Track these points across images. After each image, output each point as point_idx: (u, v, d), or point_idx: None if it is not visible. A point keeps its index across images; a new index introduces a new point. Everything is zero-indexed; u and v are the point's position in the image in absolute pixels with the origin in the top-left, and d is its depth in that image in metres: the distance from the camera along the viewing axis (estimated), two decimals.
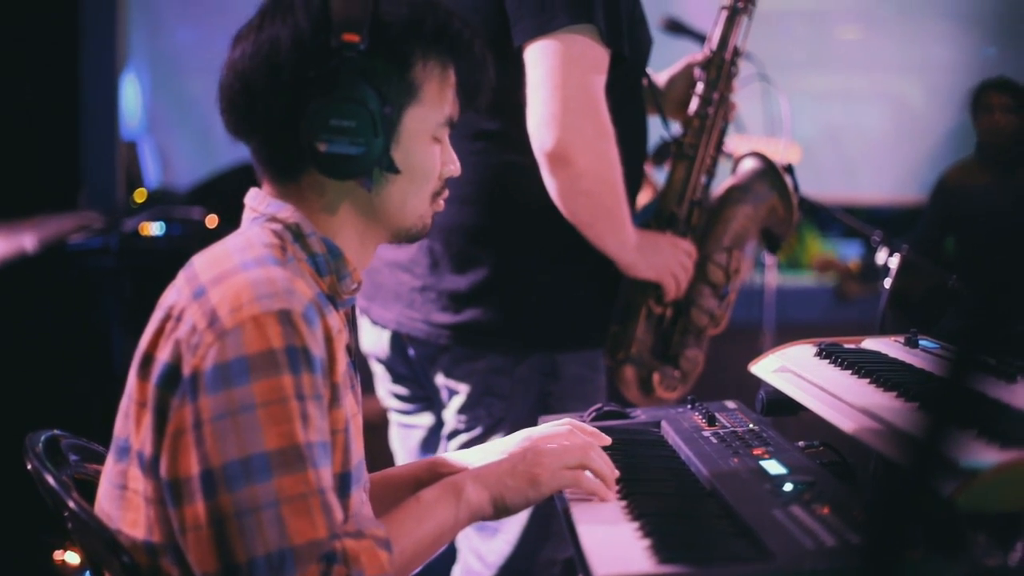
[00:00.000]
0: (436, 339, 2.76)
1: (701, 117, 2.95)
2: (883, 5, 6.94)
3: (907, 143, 6.81)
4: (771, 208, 2.98)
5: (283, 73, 1.83)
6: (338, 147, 1.82)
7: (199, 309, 1.73)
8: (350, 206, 1.91)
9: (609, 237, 2.71)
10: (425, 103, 1.90)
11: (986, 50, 6.90)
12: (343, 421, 1.81)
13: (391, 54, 1.85)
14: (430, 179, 1.95)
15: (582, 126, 2.57)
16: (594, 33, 2.60)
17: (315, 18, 1.83)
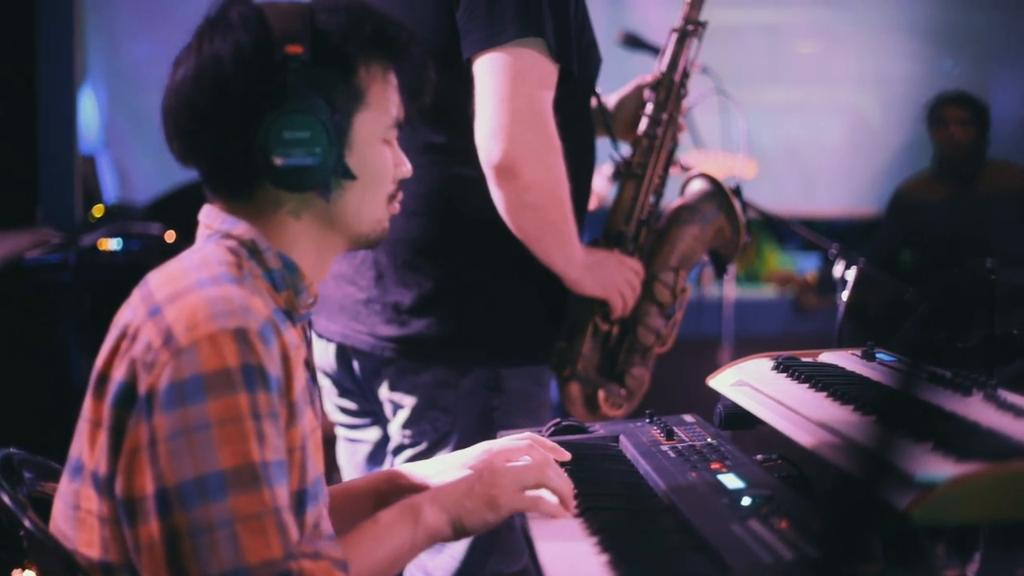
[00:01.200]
0: (381, 352, 2.76)
1: (650, 137, 2.96)
2: (840, 19, 6.98)
3: (864, 156, 6.85)
4: (718, 229, 2.99)
5: (229, 91, 1.82)
6: (295, 159, 1.82)
7: (154, 327, 1.73)
8: (307, 217, 1.90)
9: (556, 252, 2.72)
10: (372, 107, 1.90)
11: (943, 63, 6.95)
12: (300, 439, 1.80)
13: (334, 62, 1.85)
14: (385, 182, 1.95)
15: (529, 139, 2.58)
16: (543, 47, 2.60)
17: (255, 33, 1.83)
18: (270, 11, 1.85)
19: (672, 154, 3.00)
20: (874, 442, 1.77)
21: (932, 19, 6.85)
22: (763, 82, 6.99)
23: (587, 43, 2.79)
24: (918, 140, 6.49)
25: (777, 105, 7.07)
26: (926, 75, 6.81)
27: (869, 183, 6.78)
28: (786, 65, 6.99)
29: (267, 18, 1.84)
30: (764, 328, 6.59)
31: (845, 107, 7.01)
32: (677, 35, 3.02)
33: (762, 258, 7.43)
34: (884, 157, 6.81)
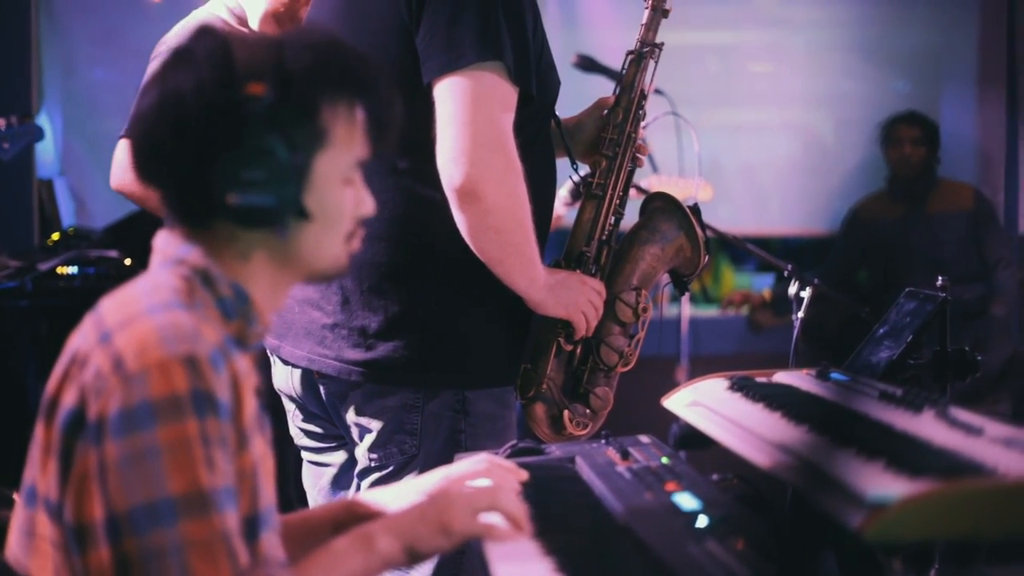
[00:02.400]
0: (347, 376, 2.77)
1: (608, 158, 2.97)
2: (792, 40, 7.03)
3: (818, 176, 6.90)
4: (678, 248, 3.01)
5: (189, 126, 1.81)
6: (250, 199, 1.81)
7: (104, 353, 1.73)
8: (263, 253, 1.90)
9: (518, 274, 2.73)
10: (335, 147, 1.89)
11: (895, 84, 7.01)
12: (251, 465, 1.81)
13: (297, 102, 1.84)
14: (343, 221, 1.94)
15: (491, 162, 2.59)
16: (502, 71, 2.62)
17: (218, 69, 1.81)
18: (237, 46, 1.84)
19: (631, 174, 3.02)
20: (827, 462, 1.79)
21: (883, 40, 6.90)
22: (717, 103, 7.02)
23: (546, 65, 2.81)
24: (872, 159, 6.55)
25: (732, 125, 7.11)
26: (878, 95, 6.87)
27: (824, 202, 6.82)
28: (740, 86, 7.02)
29: (233, 54, 1.83)
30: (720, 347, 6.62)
31: (799, 127, 7.06)
32: (634, 57, 3.04)
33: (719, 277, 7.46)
34: (838, 176, 6.86)
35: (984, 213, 6.29)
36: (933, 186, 6.28)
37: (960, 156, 6.71)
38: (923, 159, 6.25)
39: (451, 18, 2.61)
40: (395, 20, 2.67)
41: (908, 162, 6.25)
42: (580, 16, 6.71)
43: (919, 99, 6.76)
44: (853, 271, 6.53)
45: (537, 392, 2.90)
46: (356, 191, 1.95)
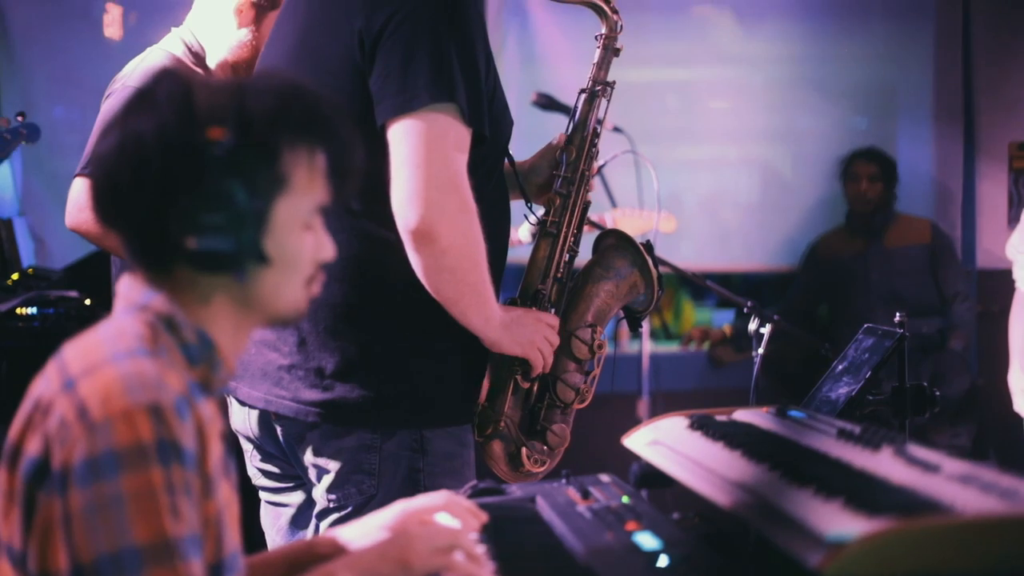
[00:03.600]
0: (304, 416, 2.76)
1: (562, 196, 2.99)
2: (751, 77, 7.06)
3: (778, 211, 6.93)
4: (632, 285, 3.03)
5: (148, 169, 1.80)
6: (208, 243, 1.81)
7: (68, 401, 1.72)
8: (223, 297, 1.89)
9: (473, 314, 2.74)
10: (295, 192, 1.88)
11: (853, 120, 7.06)
12: (216, 511, 1.80)
13: (257, 146, 1.83)
14: (303, 266, 1.93)
15: (445, 203, 2.60)
16: (456, 112, 2.63)
17: (179, 112, 1.81)
18: (199, 89, 1.84)
19: (585, 212, 3.04)
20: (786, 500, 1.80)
21: (840, 76, 6.95)
22: (676, 139, 7.05)
23: (499, 106, 2.83)
24: (831, 195, 6.60)
25: (691, 161, 7.14)
26: (836, 131, 6.91)
27: (784, 238, 6.85)
28: (699, 122, 7.06)
29: (194, 97, 1.82)
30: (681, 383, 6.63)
31: (758, 163, 7.09)
32: (586, 96, 3.07)
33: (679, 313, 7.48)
34: (798, 212, 6.89)
35: (942, 247, 6.34)
36: (891, 221, 6.34)
37: (917, 191, 6.76)
38: (881, 194, 6.31)
39: (404, 60, 2.62)
40: (348, 62, 2.68)
41: (866, 198, 6.30)
42: (539, 54, 6.73)
43: (876, 134, 6.81)
44: (813, 306, 6.57)
45: (495, 430, 2.91)
46: (316, 236, 1.94)
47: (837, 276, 6.36)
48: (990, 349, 6.11)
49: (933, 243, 6.31)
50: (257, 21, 3.71)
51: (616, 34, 3.07)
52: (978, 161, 6.86)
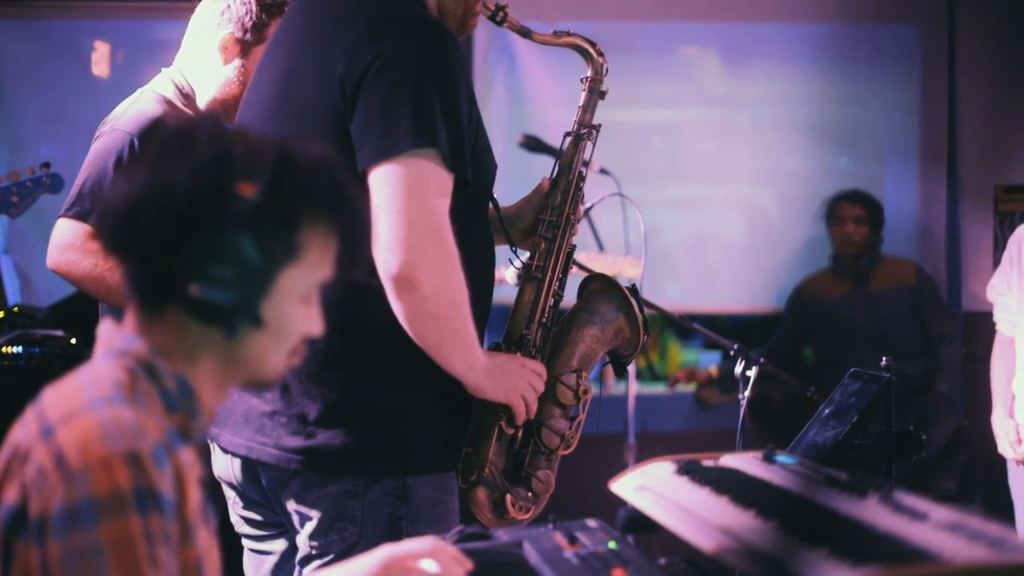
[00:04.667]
0: (287, 464, 2.75)
1: (548, 240, 2.99)
2: (736, 118, 7.08)
3: (765, 253, 6.94)
4: (617, 330, 3.03)
5: (173, 210, 1.80)
6: (208, 293, 1.81)
7: (46, 449, 1.71)
8: (209, 349, 1.88)
9: (457, 360, 2.73)
10: (304, 264, 1.88)
11: (838, 161, 7.08)
12: (195, 559, 1.79)
13: (282, 211, 1.84)
14: (292, 337, 1.94)
15: (427, 249, 2.60)
16: (437, 157, 2.63)
17: (216, 160, 1.81)
18: (239, 140, 1.84)
19: (571, 256, 3.04)
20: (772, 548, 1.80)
21: (826, 118, 6.96)
22: (663, 179, 7.06)
23: (482, 150, 2.83)
24: (817, 236, 6.61)
25: (677, 202, 7.14)
26: (822, 172, 6.93)
27: (770, 279, 6.86)
28: (685, 163, 7.06)
29: (233, 146, 1.82)
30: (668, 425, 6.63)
31: (744, 204, 7.10)
32: (571, 139, 3.08)
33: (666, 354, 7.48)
34: (784, 253, 6.90)
35: (927, 290, 6.36)
36: (876, 263, 6.36)
37: (903, 233, 6.78)
38: (866, 237, 6.33)
39: (385, 105, 2.62)
40: (330, 106, 2.68)
41: (852, 240, 6.33)
42: (526, 95, 6.75)
43: (862, 176, 6.83)
44: (799, 348, 6.58)
45: (479, 476, 2.90)
46: (311, 310, 1.95)
47: (823, 318, 6.37)
48: (976, 391, 6.11)
49: (918, 285, 6.33)
50: (243, 56, 3.71)
51: (602, 77, 3.09)
52: (963, 203, 6.88)
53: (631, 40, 6.88)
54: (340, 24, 2.74)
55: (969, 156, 6.87)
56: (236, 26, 3.71)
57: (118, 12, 6.70)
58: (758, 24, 6.98)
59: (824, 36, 6.94)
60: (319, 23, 2.80)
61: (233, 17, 3.71)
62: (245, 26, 3.70)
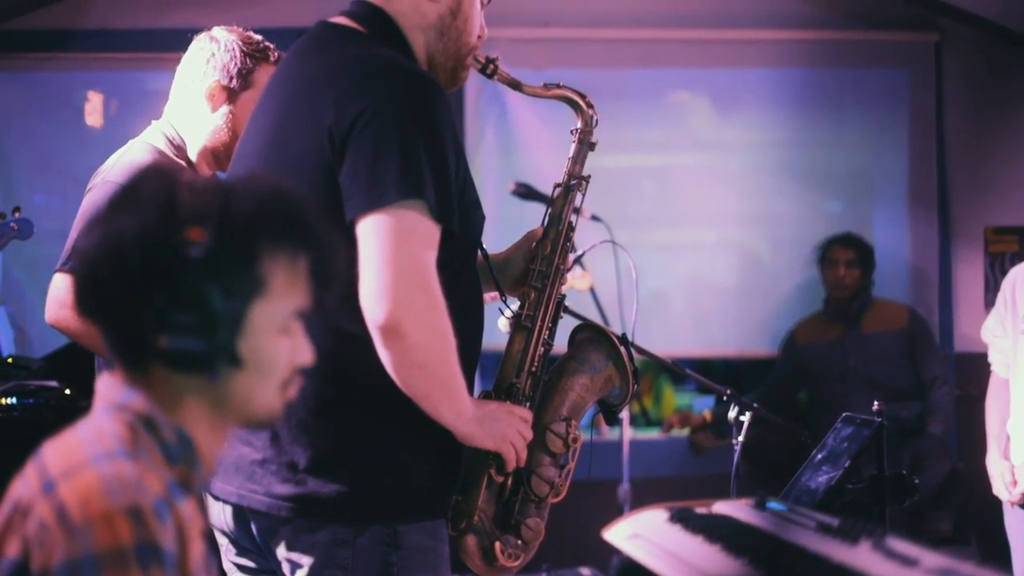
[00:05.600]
0: (277, 511, 2.76)
1: (537, 289, 3.01)
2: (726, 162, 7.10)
3: (757, 296, 6.95)
4: (608, 379, 3.04)
5: (127, 265, 1.81)
6: (179, 342, 1.82)
7: (48, 504, 1.72)
8: (197, 397, 1.89)
9: (445, 409, 2.74)
10: (273, 296, 1.89)
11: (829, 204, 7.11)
12: None
13: (237, 249, 1.84)
14: (277, 370, 1.94)
15: (413, 299, 2.61)
16: (424, 208, 2.65)
17: (162, 211, 1.82)
18: (184, 189, 1.85)
19: (560, 305, 3.05)
20: None
21: (816, 161, 7.00)
22: (654, 223, 7.08)
23: (470, 202, 2.85)
24: (809, 279, 6.64)
25: (669, 245, 7.16)
26: (812, 215, 6.96)
27: (763, 323, 6.87)
28: (676, 207, 7.08)
29: (177, 197, 1.83)
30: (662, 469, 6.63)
31: (736, 247, 7.10)
32: (561, 190, 3.09)
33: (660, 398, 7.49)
34: (776, 297, 6.92)
35: (919, 332, 6.38)
36: (868, 306, 6.38)
37: (894, 275, 6.81)
38: (858, 280, 6.36)
39: (373, 156, 2.64)
40: (319, 157, 2.70)
41: (843, 283, 6.36)
42: (517, 142, 6.77)
43: (852, 219, 6.86)
44: (793, 392, 6.59)
45: (469, 524, 2.90)
46: (294, 340, 1.95)
47: (815, 362, 6.39)
48: (970, 433, 6.12)
49: (910, 328, 6.35)
50: (231, 103, 3.73)
51: (591, 128, 3.11)
52: (954, 245, 6.92)
53: (621, 86, 6.93)
54: (330, 77, 2.76)
55: (959, 198, 6.92)
56: (222, 73, 3.73)
57: (110, 64, 6.75)
58: (747, 69, 7.02)
59: (813, 81, 7.00)
60: (310, 75, 2.82)
61: (218, 65, 3.73)
62: (231, 73, 3.73)
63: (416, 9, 2.90)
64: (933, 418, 6.22)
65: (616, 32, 6.89)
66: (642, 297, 5.26)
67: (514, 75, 3.10)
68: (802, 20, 6.91)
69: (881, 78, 7.07)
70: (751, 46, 6.97)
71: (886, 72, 7.07)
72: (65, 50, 6.65)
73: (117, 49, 6.66)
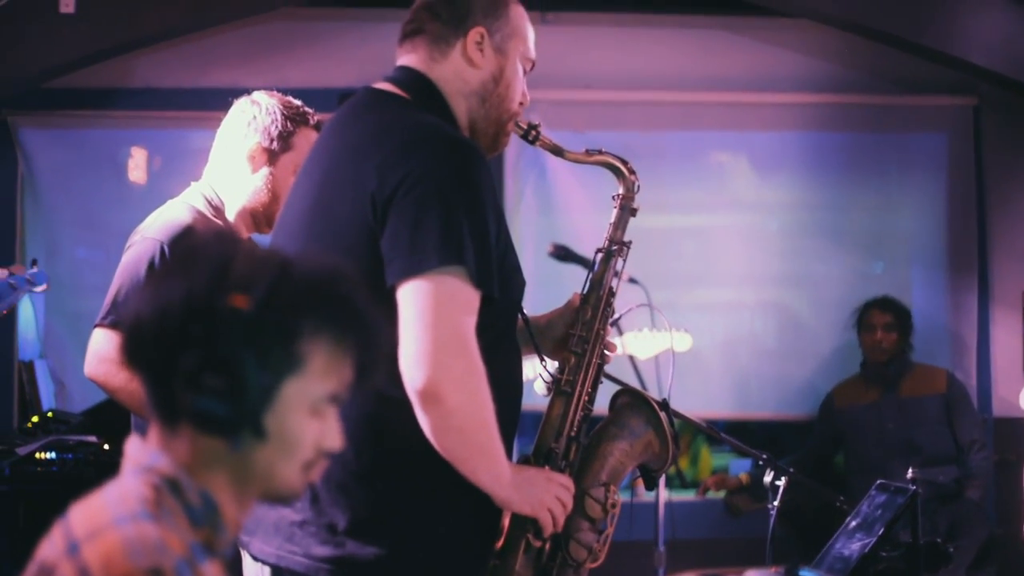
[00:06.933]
0: (316, 573, 2.76)
1: (577, 355, 3.02)
2: (766, 224, 7.11)
3: (796, 359, 6.94)
4: (647, 444, 3.05)
5: (170, 324, 1.83)
6: (206, 404, 1.83)
7: (71, 565, 1.73)
8: (220, 463, 1.89)
9: (483, 473, 2.75)
10: (309, 376, 1.89)
11: (868, 267, 7.10)
12: None
13: (279, 322, 1.85)
14: (301, 450, 1.93)
15: (452, 364, 2.63)
16: (464, 274, 2.67)
17: (213, 274, 1.84)
18: (242, 256, 1.87)
19: (600, 370, 3.06)
20: None
21: (855, 223, 6.99)
22: (693, 283, 7.08)
23: (510, 268, 2.87)
24: (847, 343, 6.62)
25: (707, 305, 7.16)
26: (852, 277, 6.94)
27: (801, 385, 6.86)
28: (715, 267, 7.08)
29: (233, 263, 1.86)
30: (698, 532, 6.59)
31: (775, 309, 7.09)
32: (602, 255, 3.11)
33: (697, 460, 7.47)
34: (815, 359, 6.89)
35: (957, 397, 6.36)
36: (906, 370, 6.36)
37: (932, 339, 6.78)
38: (896, 344, 6.34)
39: (415, 222, 2.67)
40: (361, 223, 2.73)
41: (881, 347, 6.34)
42: (556, 203, 6.81)
43: (891, 282, 6.85)
44: (830, 456, 6.57)
45: None
46: (324, 424, 1.95)
47: (853, 426, 6.37)
48: (1008, 498, 6.10)
49: (948, 393, 6.32)
50: (271, 164, 3.78)
51: (633, 194, 3.12)
52: (992, 309, 6.90)
53: (661, 147, 6.96)
54: (373, 142, 2.79)
55: (998, 263, 6.90)
56: (263, 135, 3.78)
57: (153, 122, 6.82)
58: (785, 132, 7.04)
59: (851, 144, 7.01)
60: (353, 141, 2.85)
61: (259, 127, 3.79)
62: (271, 135, 3.78)
63: (458, 75, 2.94)
64: (971, 483, 6.18)
65: (656, 94, 6.92)
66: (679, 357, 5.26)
67: (554, 137, 3.11)
68: (840, 84, 6.93)
69: (920, 142, 7.09)
70: (790, 109, 7.00)
71: (925, 136, 7.08)
72: (110, 108, 6.73)
73: (160, 108, 6.74)
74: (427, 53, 2.95)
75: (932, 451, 6.15)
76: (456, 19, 2.94)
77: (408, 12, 3.01)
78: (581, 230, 6.36)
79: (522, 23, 3.02)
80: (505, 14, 2.98)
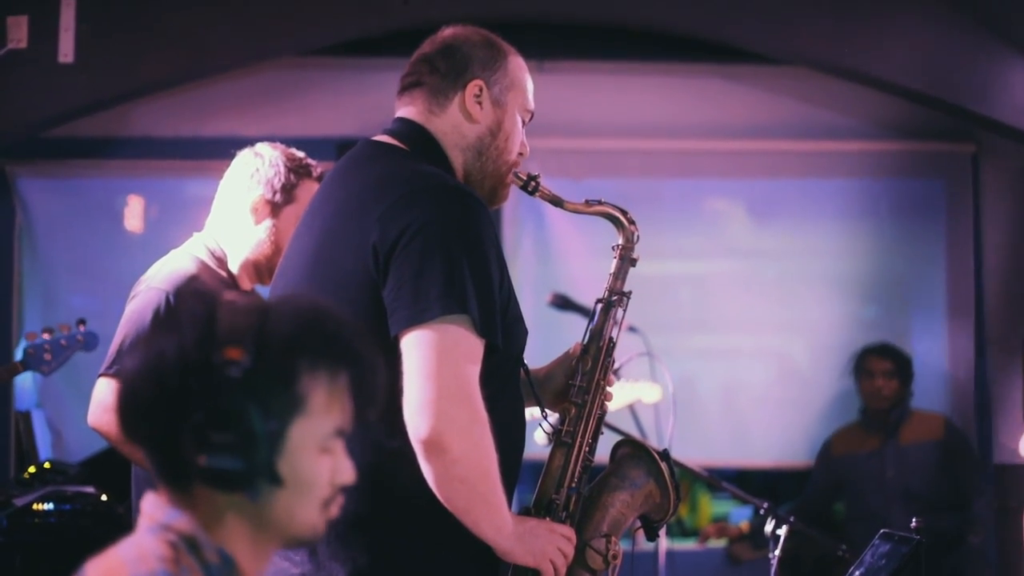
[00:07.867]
0: None
1: (578, 405, 3.01)
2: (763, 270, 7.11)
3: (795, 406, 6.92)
4: (648, 494, 3.04)
5: (167, 386, 1.83)
6: (219, 461, 1.82)
7: None
8: (239, 516, 1.89)
9: (485, 524, 2.74)
10: (312, 415, 1.89)
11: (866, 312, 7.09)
12: None
13: (275, 368, 1.85)
14: (317, 489, 1.93)
15: (456, 414, 2.63)
16: (468, 323, 2.67)
17: (200, 332, 1.84)
18: (223, 309, 1.87)
19: (601, 421, 3.06)
20: None
21: (853, 269, 6.98)
22: (691, 330, 7.09)
23: (513, 317, 2.86)
24: (846, 390, 6.61)
25: (705, 351, 7.16)
26: (850, 323, 6.94)
27: (801, 433, 6.83)
28: (713, 314, 7.08)
29: (216, 317, 1.86)
30: None
31: (773, 355, 7.10)
32: (602, 306, 3.10)
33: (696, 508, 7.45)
34: (814, 406, 6.87)
35: (957, 443, 6.35)
36: (906, 417, 6.35)
37: (931, 385, 6.77)
38: (895, 391, 6.33)
39: (417, 272, 2.67)
40: (363, 273, 2.73)
41: (881, 395, 6.32)
42: (555, 251, 6.81)
43: (890, 328, 6.85)
44: (830, 503, 6.55)
45: None
46: (335, 459, 1.95)
47: (852, 474, 6.35)
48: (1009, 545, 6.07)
49: (948, 439, 6.31)
50: (274, 216, 3.79)
51: (633, 244, 3.12)
52: (991, 355, 6.89)
53: (657, 194, 6.98)
54: (374, 193, 2.79)
55: (996, 309, 6.89)
56: (266, 188, 3.79)
57: (151, 171, 6.83)
58: (782, 179, 7.07)
59: (849, 190, 7.02)
60: (354, 192, 2.85)
61: (262, 179, 3.80)
62: (275, 187, 3.79)
63: (456, 129, 2.95)
64: (972, 530, 6.17)
65: (653, 143, 6.93)
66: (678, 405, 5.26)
67: (552, 185, 3.11)
68: (838, 131, 6.95)
69: (917, 188, 7.09)
70: (786, 156, 7.02)
71: (922, 182, 7.08)
72: (107, 157, 6.74)
73: (158, 156, 6.74)
74: (426, 106, 2.96)
75: (932, 498, 6.13)
76: (454, 72, 2.95)
77: (407, 64, 3.02)
78: (579, 278, 6.36)
79: (521, 75, 3.03)
80: (503, 66, 2.98)
